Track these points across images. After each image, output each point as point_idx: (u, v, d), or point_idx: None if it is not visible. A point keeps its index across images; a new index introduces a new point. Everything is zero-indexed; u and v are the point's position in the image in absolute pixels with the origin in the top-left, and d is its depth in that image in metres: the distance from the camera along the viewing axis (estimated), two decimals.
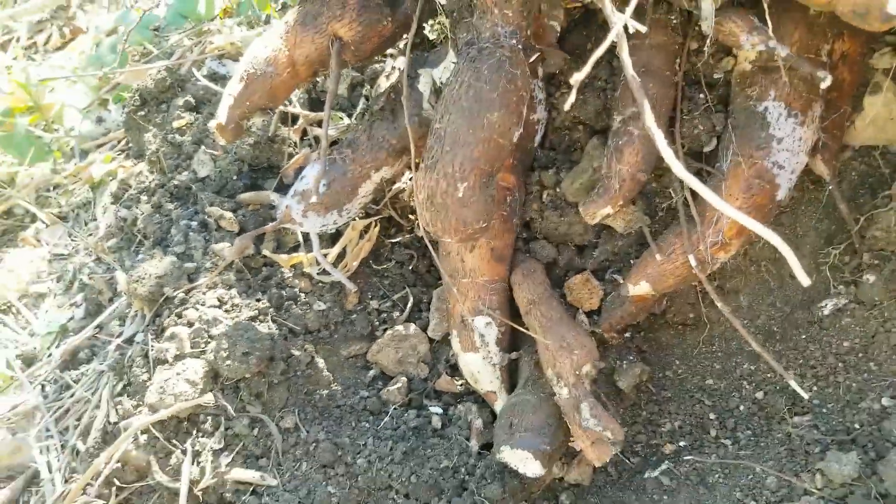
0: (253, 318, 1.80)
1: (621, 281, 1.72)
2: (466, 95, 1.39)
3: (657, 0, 1.54)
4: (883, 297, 1.61)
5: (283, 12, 2.75)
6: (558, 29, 1.57)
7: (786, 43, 1.46)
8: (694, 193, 1.57)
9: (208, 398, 1.65)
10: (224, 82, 2.30)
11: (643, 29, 1.10)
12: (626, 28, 1.14)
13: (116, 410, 1.73)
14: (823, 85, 1.35)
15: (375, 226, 1.93)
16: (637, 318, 1.72)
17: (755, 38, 1.42)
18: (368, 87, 2.12)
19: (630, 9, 1.09)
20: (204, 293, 1.83)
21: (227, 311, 1.81)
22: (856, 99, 1.63)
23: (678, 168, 1.04)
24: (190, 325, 1.77)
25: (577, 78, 0.97)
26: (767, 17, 1.39)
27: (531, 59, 1.50)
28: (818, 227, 1.68)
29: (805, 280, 1.10)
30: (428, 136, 1.45)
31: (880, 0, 1.13)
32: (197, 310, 1.79)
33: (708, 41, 1.47)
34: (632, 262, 1.75)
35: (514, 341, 1.78)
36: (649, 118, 1.08)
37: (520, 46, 1.46)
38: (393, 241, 1.97)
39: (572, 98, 1.02)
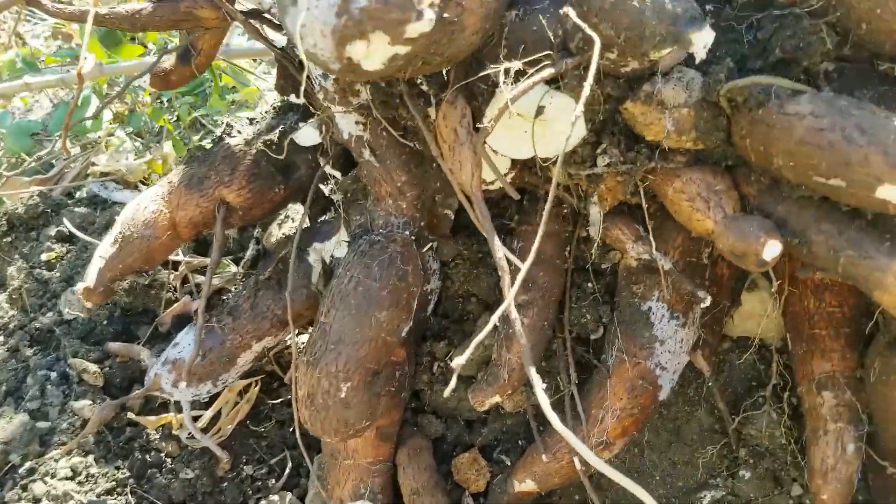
0: (110, 491, 1.64)
1: (508, 463, 1.69)
2: (355, 292, 1.34)
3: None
4: (757, 492, 1.64)
5: (178, 125, 2.66)
6: (452, 217, 1.56)
7: (669, 247, 1.50)
8: (580, 387, 1.58)
9: None
10: (105, 208, 2.17)
11: (521, 265, 1.09)
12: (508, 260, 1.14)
13: None
14: (703, 305, 1.39)
15: (255, 386, 1.82)
16: None
17: (640, 247, 1.46)
18: (259, 230, 2.04)
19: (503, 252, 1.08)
20: (56, 461, 1.65)
21: (80, 483, 1.64)
22: (734, 292, 1.70)
23: (552, 416, 1.02)
24: (36, 501, 1.59)
25: (457, 362, 0.95)
26: (650, 230, 1.43)
27: (424, 249, 1.48)
28: (699, 417, 1.71)
29: None
30: (312, 330, 1.39)
31: (755, 248, 1.18)
32: (45, 483, 1.61)
33: (595, 242, 1.50)
34: (520, 442, 1.73)
35: None
36: (527, 360, 1.07)
37: (413, 238, 1.43)
38: (274, 401, 1.87)
39: (452, 384, 1.02)
